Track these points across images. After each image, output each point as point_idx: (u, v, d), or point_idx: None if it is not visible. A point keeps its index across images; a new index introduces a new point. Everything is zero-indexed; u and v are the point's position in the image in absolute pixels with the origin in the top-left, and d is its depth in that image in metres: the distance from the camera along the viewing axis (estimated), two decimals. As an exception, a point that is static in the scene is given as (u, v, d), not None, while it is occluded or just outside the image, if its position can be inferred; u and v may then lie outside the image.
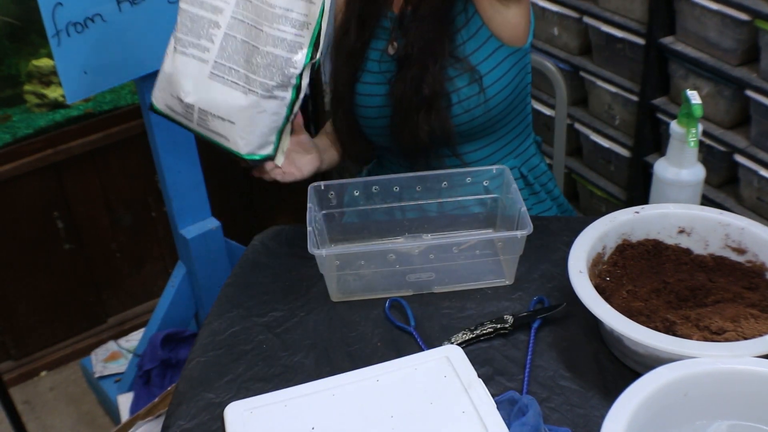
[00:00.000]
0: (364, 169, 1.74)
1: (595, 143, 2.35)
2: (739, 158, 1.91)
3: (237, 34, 1.23)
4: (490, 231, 1.45)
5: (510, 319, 1.23)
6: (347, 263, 1.29)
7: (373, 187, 1.45)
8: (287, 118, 1.28)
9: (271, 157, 1.32)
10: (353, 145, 1.60)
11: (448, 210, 1.47)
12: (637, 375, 1.02)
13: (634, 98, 2.18)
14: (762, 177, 1.86)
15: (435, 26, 1.42)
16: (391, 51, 1.48)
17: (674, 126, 1.34)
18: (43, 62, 2.25)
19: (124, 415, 2.11)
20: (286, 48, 1.21)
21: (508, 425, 1.01)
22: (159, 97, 1.32)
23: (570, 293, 1.14)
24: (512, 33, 1.44)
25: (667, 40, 2.02)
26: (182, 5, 1.26)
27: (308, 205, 1.36)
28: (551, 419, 1.08)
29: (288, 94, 1.25)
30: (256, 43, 1.22)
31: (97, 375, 2.34)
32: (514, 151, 1.58)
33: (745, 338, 1.05)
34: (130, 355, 2.32)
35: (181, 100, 1.27)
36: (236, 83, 1.24)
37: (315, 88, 2.64)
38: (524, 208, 1.30)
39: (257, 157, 1.31)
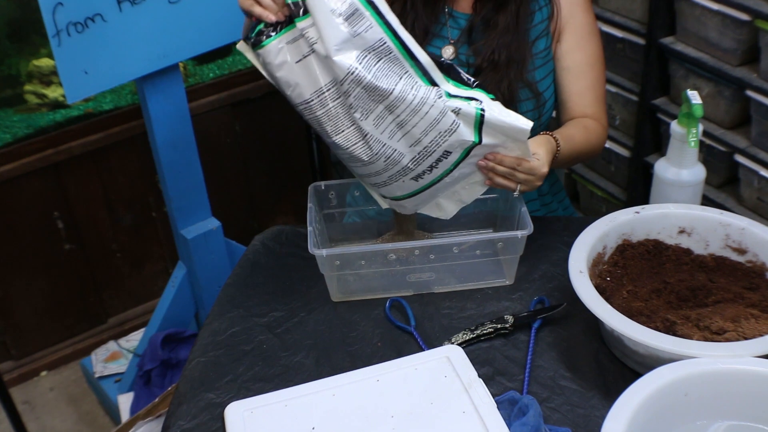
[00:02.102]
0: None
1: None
2: (740, 158, 1.91)
3: None
4: (490, 231, 1.45)
5: (510, 319, 1.23)
6: (347, 263, 1.29)
7: (374, 187, 1.45)
8: None
9: None
10: None
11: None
12: (637, 375, 1.02)
13: (635, 98, 2.18)
14: (762, 177, 1.86)
15: (516, 41, 1.39)
16: (448, 54, 1.44)
17: (675, 126, 1.34)
18: (44, 62, 2.25)
19: (125, 415, 2.11)
20: None
21: (509, 425, 1.01)
22: None
23: (570, 293, 1.14)
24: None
25: (668, 40, 2.02)
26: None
27: (308, 205, 1.36)
28: (552, 419, 1.08)
29: None
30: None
31: (97, 375, 2.34)
32: None
33: (746, 338, 1.05)
34: (130, 356, 2.32)
35: None
36: None
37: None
38: (524, 208, 1.30)
39: None
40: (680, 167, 1.35)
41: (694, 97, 1.31)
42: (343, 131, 1.21)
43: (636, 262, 1.25)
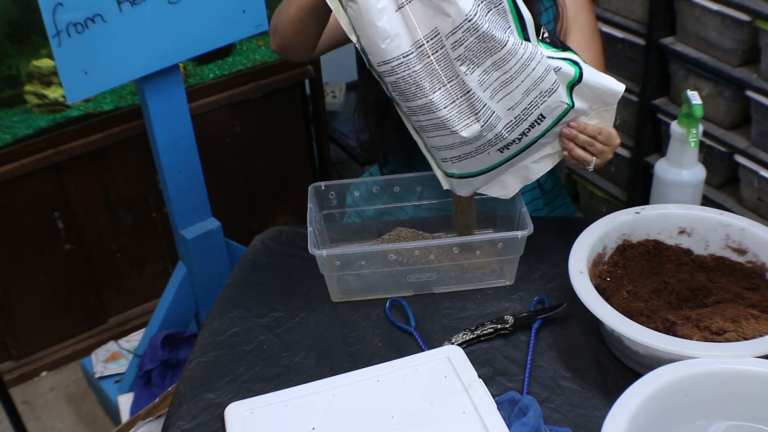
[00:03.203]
0: (366, 170, 1.74)
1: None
2: (740, 159, 1.91)
3: None
4: (490, 231, 1.45)
5: (510, 319, 1.23)
6: (347, 263, 1.29)
7: (374, 188, 1.45)
8: None
9: None
10: (382, 143, 1.56)
11: (449, 210, 1.46)
12: (637, 375, 1.02)
13: (635, 99, 2.18)
14: (762, 177, 1.86)
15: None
16: None
17: (675, 126, 1.34)
18: (44, 62, 2.25)
19: (125, 415, 2.11)
20: None
21: (509, 425, 1.01)
22: None
23: (570, 293, 1.14)
24: None
25: (668, 41, 2.02)
26: None
27: (308, 205, 1.36)
28: (552, 419, 1.08)
29: None
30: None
31: (97, 375, 2.34)
32: None
33: (746, 338, 1.05)
34: (130, 356, 2.32)
35: None
36: None
37: (315, 89, 2.64)
38: (524, 208, 1.30)
39: None
40: (680, 167, 1.35)
41: (694, 97, 1.31)
42: (440, 88, 1.12)
43: (636, 262, 1.25)
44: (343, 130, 2.98)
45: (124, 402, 2.13)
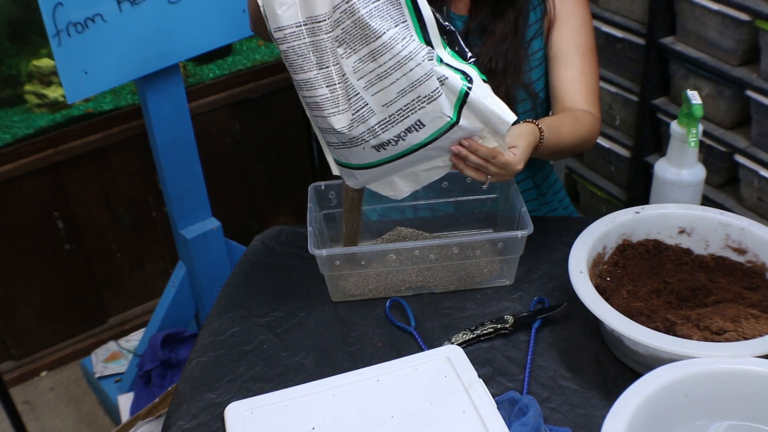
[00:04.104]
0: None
1: (595, 144, 2.35)
2: (740, 158, 1.91)
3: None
4: (490, 231, 1.45)
5: (510, 319, 1.23)
6: (347, 263, 1.29)
7: (374, 187, 1.45)
8: None
9: None
10: None
11: (449, 210, 1.46)
12: (637, 375, 1.02)
13: (635, 98, 2.18)
14: (762, 177, 1.86)
15: (514, 48, 1.36)
16: None
17: (675, 126, 1.34)
18: (44, 62, 2.25)
19: (125, 415, 2.11)
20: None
21: (509, 425, 1.01)
22: None
23: (570, 293, 1.14)
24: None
25: (668, 41, 2.02)
26: None
27: (308, 205, 1.36)
28: (552, 419, 1.07)
29: None
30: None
31: (97, 375, 2.34)
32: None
33: (746, 338, 1.05)
34: (130, 356, 2.32)
35: None
36: None
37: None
38: (524, 208, 1.30)
39: None
40: (680, 167, 1.35)
41: (694, 97, 1.31)
42: (323, 68, 1.10)
43: (636, 262, 1.25)
44: (343, 130, 2.98)
45: (124, 402, 2.13)
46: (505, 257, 1.31)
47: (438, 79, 1.08)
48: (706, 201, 1.98)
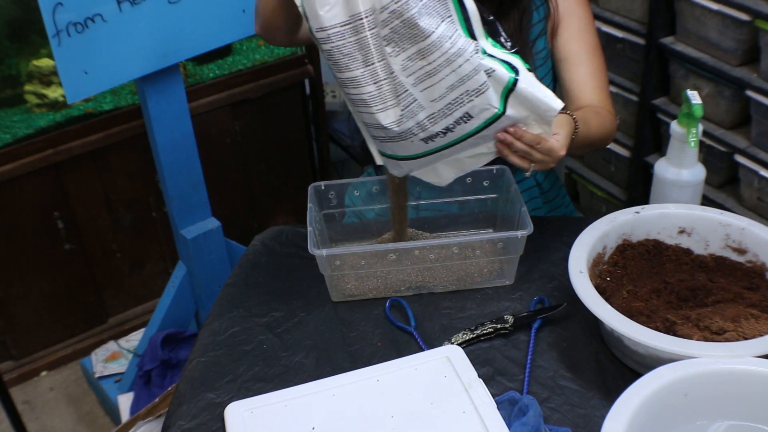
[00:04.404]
0: (366, 170, 1.74)
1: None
2: (740, 158, 1.91)
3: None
4: (490, 231, 1.45)
5: (510, 319, 1.23)
6: (347, 263, 1.29)
7: (374, 187, 1.45)
8: None
9: None
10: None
11: (449, 210, 1.46)
12: (637, 375, 1.02)
13: (635, 98, 2.18)
14: (762, 177, 1.86)
15: (518, 48, 1.36)
16: None
17: (675, 126, 1.34)
18: (44, 62, 2.25)
19: (125, 415, 2.11)
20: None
21: (509, 425, 1.01)
22: None
23: (570, 293, 1.14)
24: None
25: (668, 41, 2.02)
26: None
27: (308, 205, 1.36)
28: (552, 419, 1.08)
29: None
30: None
31: (97, 375, 2.34)
32: None
33: (746, 338, 1.05)
34: (130, 355, 2.32)
35: None
36: None
37: (315, 88, 2.64)
38: (524, 208, 1.30)
39: None
40: (680, 167, 1.35)
41: (694, 97, 1.31)
42: (369, 65, 1.11)
43: (636, 262, 1.25)
44: (343, 129, 2.98)
45: (124, 402, 2.13)
46: (505, 257, 1.31)
47: (485, 72, 1.09)
48: (706, 201, 1.98)
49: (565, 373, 1.15)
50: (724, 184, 2.04)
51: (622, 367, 1.15)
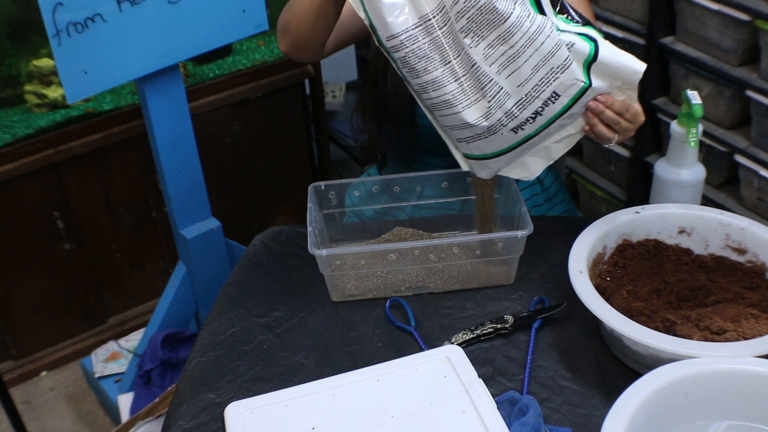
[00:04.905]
0: (366, 170, 1.74)
1: (595, 143, 2.35)
2: (740, 158, 1.91)
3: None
4: (491, 231, 1.45)
5: (510, 319, 1.23)
6: (347, 263, 1.29)
7: (373, 188, 1.45)
8: None
9: None
10: (380, 143, 1.56)
11: (449, 210, 1.46)
12: (637, 375, 1.02)
13: (635, 98, 2.18)
14: (762, 177, 1.86)
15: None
16: None
17: (674, 126, 1.34)
18: (44, 62, 2.25)
19: (125, 415, 2.11)
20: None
21: (509, 425, 1.01)
22: None
23: (570, 293, 1.14)
24: None
25: (668, 40, 2.02)
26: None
27: (308, 205, 1.36)
28: (552, 419, 1.08)
29: None
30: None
31: (97, 375, 2.34)
32: None
33: (746, 338, 1.05)
34: (130, 355, 2.32)
35: None
36: None
37: (315, 89, 2.64)
38: (524, 208, 1.30)
39: None
40: (680, 167, 1.35)
41: (694, 97, 1.31)
42: (447, 63, 1.11)
43: (636, 262, 1.25)
44: (343, 130, 2.98)
45: (124, 402, 2.13)
46: (505, 257, 1.31)
47: (566, 46, 1.09)
48: (706, 201, 1.98)
49: (565, 373, 1.15)
50: (724, 184, 2.04)
51: (622, 367, 1.15)
